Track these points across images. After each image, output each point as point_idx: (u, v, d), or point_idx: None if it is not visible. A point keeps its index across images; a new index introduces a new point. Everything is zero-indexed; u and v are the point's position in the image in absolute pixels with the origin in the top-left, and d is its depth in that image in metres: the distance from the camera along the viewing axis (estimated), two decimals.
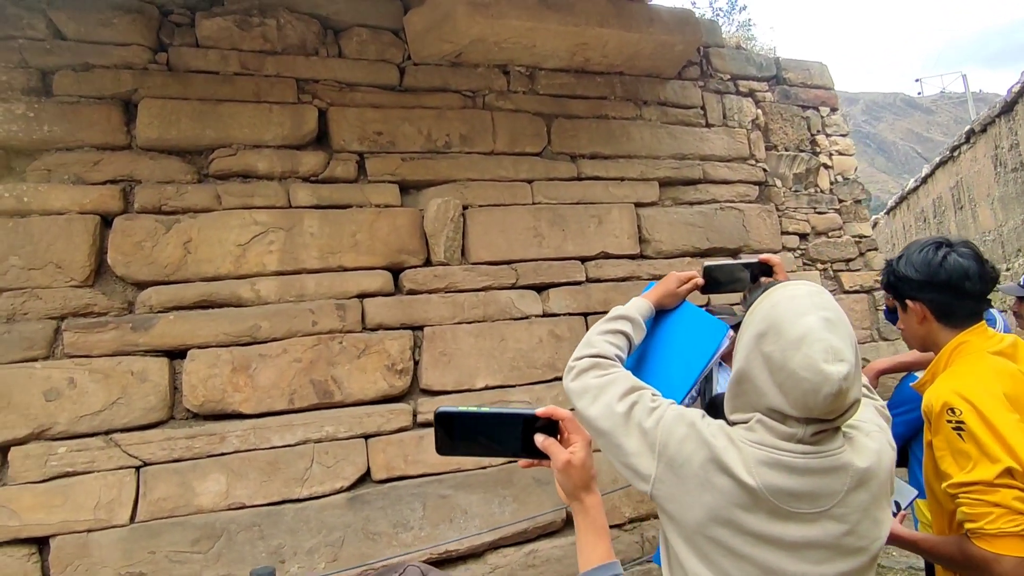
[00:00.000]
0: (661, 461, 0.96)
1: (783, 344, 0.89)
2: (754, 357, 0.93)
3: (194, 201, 2.36)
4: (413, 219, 2.59)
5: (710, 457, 0.93)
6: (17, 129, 2.21)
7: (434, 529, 2.37)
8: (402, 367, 2.45)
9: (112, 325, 2.18)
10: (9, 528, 1.96)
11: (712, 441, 0.94)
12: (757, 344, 0.92)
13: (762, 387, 0.92)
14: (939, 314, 1.24)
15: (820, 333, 0.87)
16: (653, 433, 0.97)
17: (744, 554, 0.93)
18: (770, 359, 0.90)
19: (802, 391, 0.86)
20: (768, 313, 0.93)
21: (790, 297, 0.93)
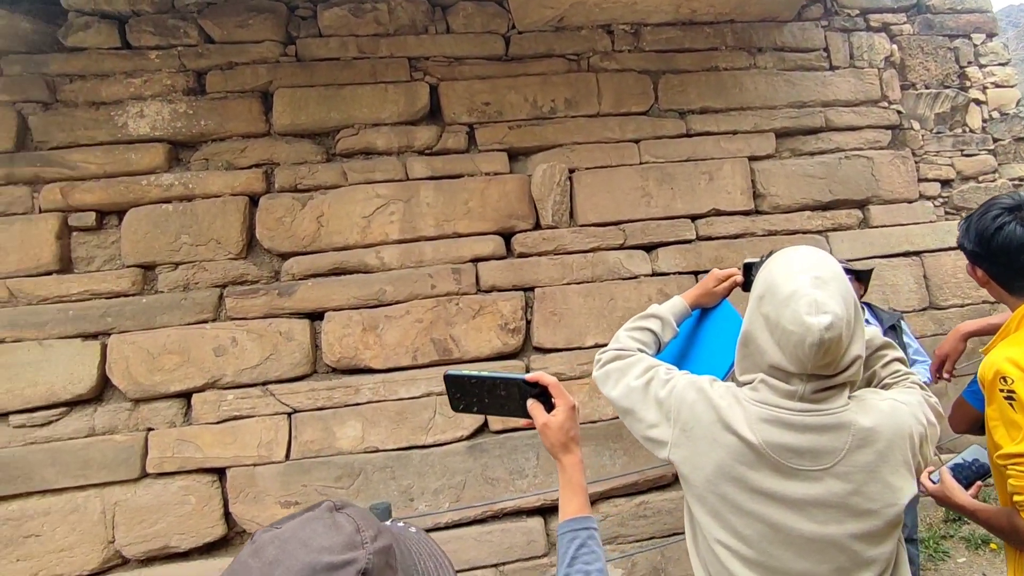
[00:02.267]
0: (676, 426, 1.07)
1: (776, 303, 0.97)
2: (755, 318, 1.02)
3: (324, 179, 2.77)
4: (521, 185, 2.84)
5: (716, 417, 1.03)
6: (181, 125, 2.72)
7: (547, 477, 2.64)
8: (514, 326, 2.72)
9: (263, 292, 2.64)
10: (196, 459, 2.49)
11: (719, 402, 1.04)
12: (758, 306, 1.02)
13: (763, 346, 1.00)
14: (1000, 282, 1.22)
15: (806, 289, 0.95)
16: (668, 401, 1.08)
17: (750, 510, 1.01)
18: (767, 318, 0.99)
19: (793, 345, 0.95)
20: (765, 276, 1.03)
21: (786, 260, 1.03)
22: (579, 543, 0.88)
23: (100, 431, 2.50)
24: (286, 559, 0.50)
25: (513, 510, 2.61)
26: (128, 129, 2.68)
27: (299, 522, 0.54)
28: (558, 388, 0.96)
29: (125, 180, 2.64)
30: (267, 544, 0.52)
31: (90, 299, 2.56)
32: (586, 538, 0.89)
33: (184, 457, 2.50)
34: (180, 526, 2.48)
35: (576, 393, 2.68)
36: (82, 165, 2.63)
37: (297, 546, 0.51)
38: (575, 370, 2.71)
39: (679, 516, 2.64)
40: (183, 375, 2.55)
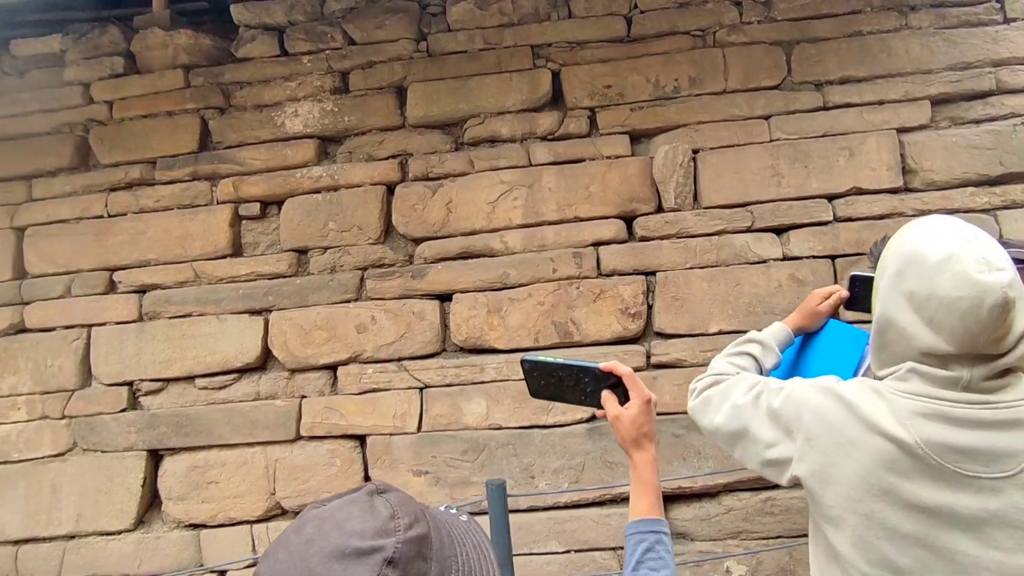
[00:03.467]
0: (798, 438, 0.93)
1: (925, 273, 0.83)
2: (894, 300, 0.88)
3: (452, 167, 3.03)
4: (643, 168, 2.91)
5: (853, 416, 0.88)
6: (328, 122, 3.11)
7: (667, 465, 2.72)
8: (635, 311, 2.82)
9: (398, 274, 2.96)
10: (340, 426, 2.88)
11: (852, 398, 0.89)
12: (895, 286, 0.88)
13: (909, 329, 0.85)
14: None
15: (966, 248, 0.82)
16: (785, 410, 0.96)
17: (907, 532, 0.83)
18: (913, 296, 0.85)
19: (960, 315, 0.80)
20: (900, 249, 0.89)
21: (921, 229, 0.89)
22: (646, 547, 0.86)
23: (264, 396, 2.96)
24: (320, 539, 0.51)
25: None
26: (285, 128, 3.11)
27: (341, 503, 0.56)
28: (633, 380, 0.94)
29: (283, 173, 3.08)
30: (309, 521, 0.54)
31: (256, 279, 3.03)
32: (654, 542, 0.86)
33: (331, 423, 2.89)
34: (328, 485, 2.88)
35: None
36: (249, 161, 3.10)
37: (332, 527, 0.52)
38: (697, 357, 2.75)
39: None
40: (330, 349, 2.93)
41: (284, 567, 0.51)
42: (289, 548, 0.52)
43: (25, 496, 3.00)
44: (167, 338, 3.01)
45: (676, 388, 2.72)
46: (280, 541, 0.54)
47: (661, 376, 2.75)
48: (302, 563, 0.50)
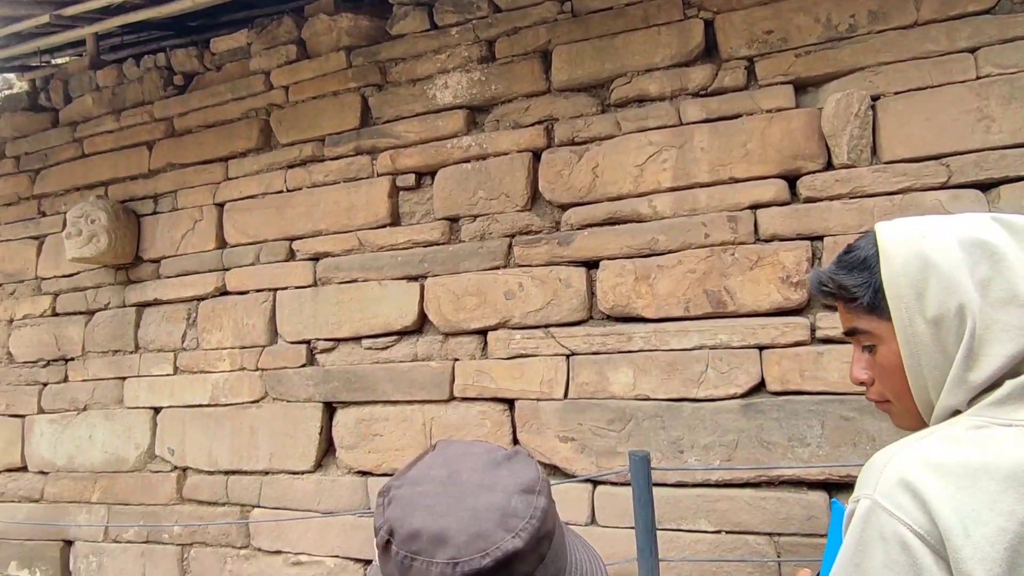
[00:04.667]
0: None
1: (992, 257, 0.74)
2: (961, 296, 0.74)
3: (598, 130, 3.02)
4: (809, 120, 2.68)
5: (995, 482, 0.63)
6: (476, 92, 3.24)
7: (834, 449, 2.55)
8: (798, 279, 2.64)
9: (544, 241, 3.05)
10: (490, 389, 3.07)
11: (992, 459, 0.65)
12: (971, 277, 0.74)
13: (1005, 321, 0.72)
14: None
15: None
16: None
17: None
18: (988, 286, 0.73)
19: None
20: (913, 259, 0.78)
21: (929, 224, 0.81)
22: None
23: (420, 358, 3.23)
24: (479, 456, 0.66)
25: (792, 479, 2.60)
26: (436, 100, 3.30)
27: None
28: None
29: (435, 144, 3.28)
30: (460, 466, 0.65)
31: (412, 247, 3.29)
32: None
33: (481, 386, 3.09)
34: None
35: None
36: (404, 134, 3.34)
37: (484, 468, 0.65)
38: None
39: None
40: (480, 315, 3.12)
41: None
42: (455, 450, 0.67)
43: (231, 435, 3.59)
44: (337, 302, 3.40)
45: (845, 366, 2.53)
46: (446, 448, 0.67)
47: (827, 352, 2.57)
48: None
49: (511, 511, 0.58)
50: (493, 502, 0.58)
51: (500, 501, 0.59)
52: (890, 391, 0.87)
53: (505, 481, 0.61)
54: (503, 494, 0.60)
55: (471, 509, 0.57)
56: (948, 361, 0.76)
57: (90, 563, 3.90)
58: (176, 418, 3.75)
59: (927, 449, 0.70)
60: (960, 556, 0.59)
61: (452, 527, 0.56)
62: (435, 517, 0.57)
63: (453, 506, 0.58)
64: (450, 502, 0.58)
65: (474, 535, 0.55)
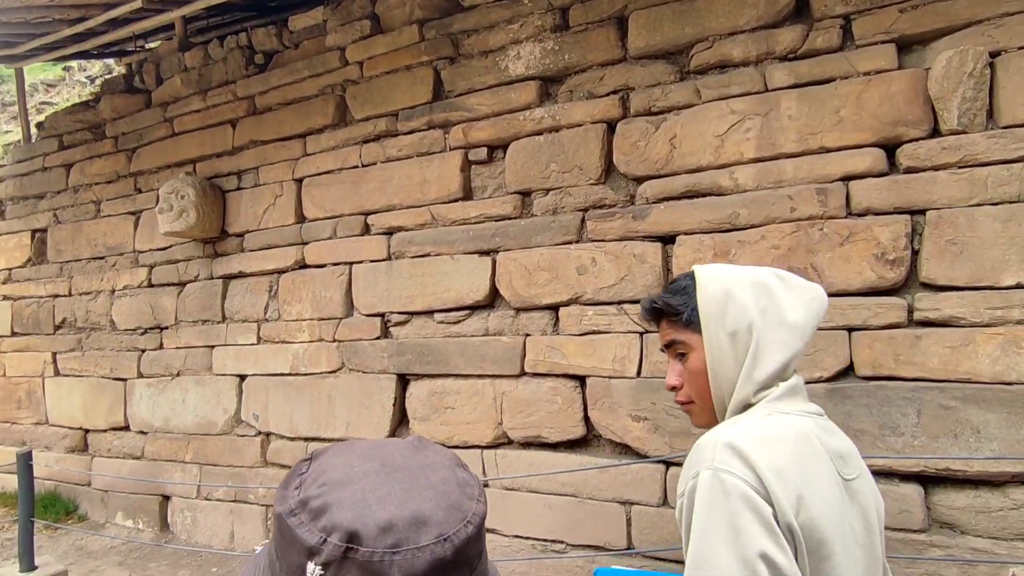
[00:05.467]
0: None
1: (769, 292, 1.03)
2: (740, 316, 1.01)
3: (676, 99, 2.83)
4: (913, 83, 2.41)
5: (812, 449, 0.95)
6: (549, 62, 3.11)
7: (931, 441, 2.34)
8: (894, 257, 2.41)
9: (619, 215, 2.91)
10: (561, 365, 2.99)
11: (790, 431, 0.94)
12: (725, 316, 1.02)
13: (772, 334, 1.01)
14: None
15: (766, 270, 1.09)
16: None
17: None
18: (766, 311, 1.01)
19: (814, 312, 1.06)
20: (714, 292, 1.04)
21: (717, 270, 1.09)
22: None
23: (492, 332, 3.19)
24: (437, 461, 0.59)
25: (883, 470, 2.40)
26: (508, 71, 3.19)
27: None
28: None
29: (507, 117, 3.18)
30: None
31: (484, 222, 3.23)
32: None
33: (552, 362, 3.01)
34: (549, 421, 3.03)
35: (983, 345, 2.26)
36: (476, 107, 3.25)
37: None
38: (981, 315, 2.28)
39: None
40: (551, 290, 3.03)
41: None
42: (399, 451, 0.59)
43: (310, 403, 3.68)
44: (410, 275, 3.39)
45: (947, 351, 2.30)
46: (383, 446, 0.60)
47: (926, 336, 2.34)
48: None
49: (462, 481, 0.57)
50: (445, 476, 0.56)
51: (449, 475, 0.57)
52: (695, 392, 1.08)
53: (436, 458, 0.59)
54: (446, 469, 0.58)
55: (431, 487, 0.54)
56: (739, 365, 1.00)
57: (185, 517, 4.12)
58: (260, 386, 3.87)
59: (741, 429, 0.92)
60: (777, 499, 0.83)
61: (424, 507, 0.52)
62: (400, 504, 0.52)
63: (410, 489, 0.54)
64: (404, 487, 0.54)
65: (448, 508, 0.53)
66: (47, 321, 4.98)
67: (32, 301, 5.11)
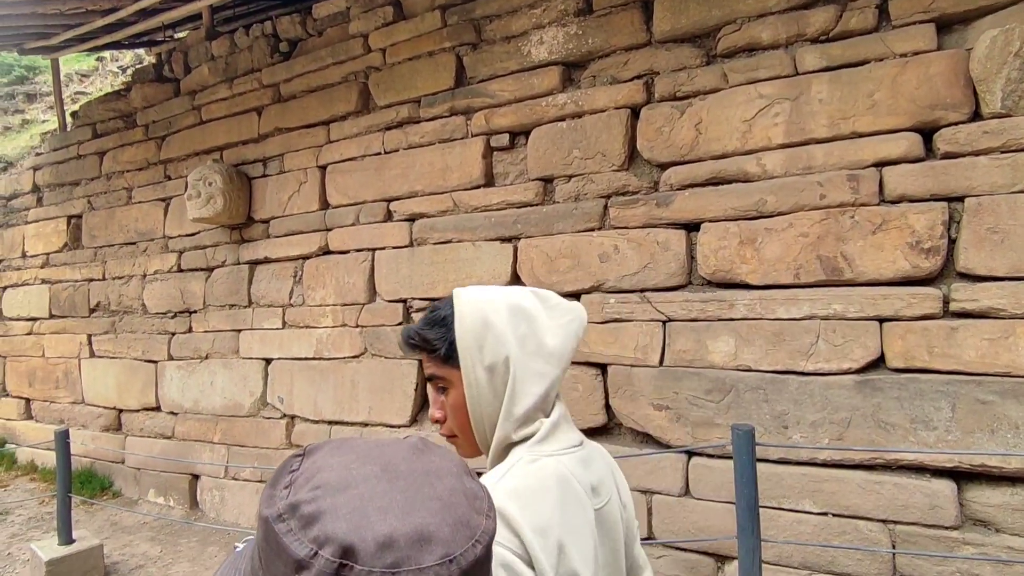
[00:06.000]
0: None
1: (524, 317, 0.94)
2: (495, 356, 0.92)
3: (702, 83, 2.72)
4: (953, 64, 2.28)
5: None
6: (572, 47, 3.01)
7: (966, 436, 2.23)
8: (930, 245, 2.29)
9: (642, 202, 2.82)
10: (583, 352, 2.91)
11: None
12: (483, 351, 0.92)
13: (526, 371, 0.93)
14: None
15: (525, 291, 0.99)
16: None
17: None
18: (525, 339, 0.93)
19: (571, 337, 0.97)
20: (470, 322, 0.93)
21: (473, 295, 0.96)
22: None
23: None
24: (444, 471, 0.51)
25: (913, 464, 2.30)
26: (531, 56, 3.10)
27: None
28: None
29: (529, 103, 3.10)
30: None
31: (505, 208, 3.15)
32: None
33: None
34: (571, 408, 2.94)
35: (1022, 336, 2.14)
36: (498, 93, 3.17)
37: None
38: (1021, 306, 2.15)
39: None
40: (573, 277, 2.96)
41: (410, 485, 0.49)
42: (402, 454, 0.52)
43: (333, 387, 3.67)
44: (432, 262, 3.34)
45: (985, 343, 2.18)
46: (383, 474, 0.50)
47: (963, 327, 2.22)
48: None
49: (471, 492, 0.50)
50: (451, 486, 0.49)
51: (456, 484, 0.50)
52: (457, 427, 1.01)
53: (442, 464, 0.52)
54: (453, 477, 0.50)
55: (437, 498, 0.47)
56: (499, 400, 0.92)
57: (214, 496, 4.16)
58: (285, 369, 3.87)
59: (506, 484, 0.85)
60: (538, 560, 0.79)
61: (429, 522, 0.45)
62: (402, 516, 0.45)
63: (414, 499, 0.47)
64: (408, 496, 0.47)
65: (455, 524, 0.46)
66: (82, 304, 5.06)
67: (68, 285, 5.19)
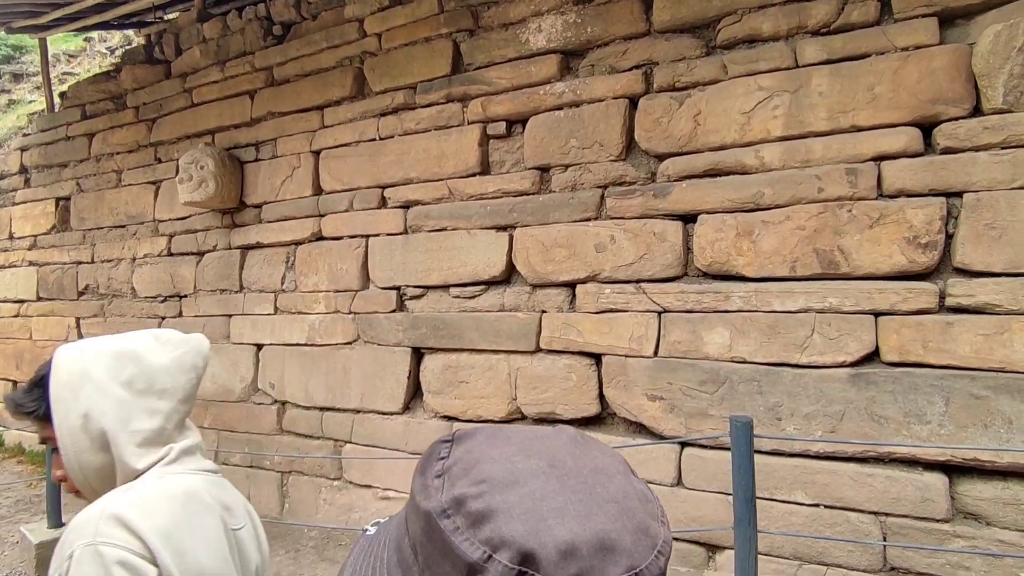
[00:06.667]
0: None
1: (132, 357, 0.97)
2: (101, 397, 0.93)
3: (702, 75, 2.66)
4: (955, 58, 2.23)
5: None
6: (571, 35, 2.93)
7: (959, 430, 2.20)
8: (927, 240, 2.25)
9: (639, 193, 2.76)
10: (577, 343, 2.86)
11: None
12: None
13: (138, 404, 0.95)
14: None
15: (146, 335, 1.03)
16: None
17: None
18: (131, 381, 0.95)
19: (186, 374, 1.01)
20: (74, 374, 0.93)
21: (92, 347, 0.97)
22: None
23: (507, 308, 3.06)
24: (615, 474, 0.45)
25: (906, 457, 2.28)
26: (529, 44, 3.02)
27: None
28: None
29: (527, 91, 3.02)
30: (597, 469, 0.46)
31: (501, 197, 3.08)
32: None
33: (568, 339, 2.89)
34: (563, 398, 2.92)
35: (1020, 334, 2.11)
36: (495, 81, 3.09)
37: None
38: (1018, 302, 2.12)
39: None
40: (569, 267, 2.90)
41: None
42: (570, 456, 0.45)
43: (325, 373, 3.59)
44: (426, 250, 3.26)
45: (980, 339, 2.15)
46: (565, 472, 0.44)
47: (958, 323, 2.19)
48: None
49: (643, 494, 0.44)
50: (623, 487, 0.43)
51: (627, 485, 0.44)
52: (77, 481, 0.99)
53: (607, 461, 0.45)
54: (621, 476, 0.44)
55: (612, 501, 0.42)
56: (97, 445, 0.92)
57: None
58: (276, 355, 3.79)
59: (127, 496, 0.87)
60: (163, 559, 0.82)
61: (609, 528, 0.39)
62: (580, 521, 0.39)
63: (587, 501, 0.41)
64: (581, 497, 0.41)
65: (636, 531, 0.40)
66: (71, 287, 4.92)
67: (56, 267, 5.05)
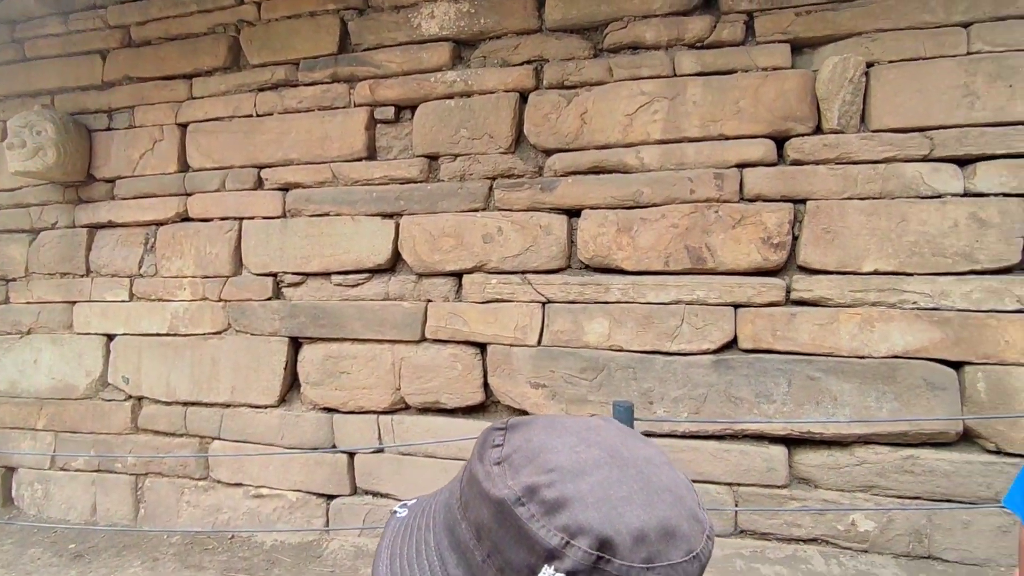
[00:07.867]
0: None
1: None
2: None
3: (589, 75, 2.75)
4: (803, 82, 2.50)
5: None
6: (464, 24, 2.89)
7: (797, 407, 2.48)
8: (778, 241, 2.51)
9: (527, 186, 2.80)
10: (463, 332, 2.85)
11: None
12: None
13: None
14: None
15: None
16: None
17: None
18: None
19: None
20: None
21: None
22: None
23: (392, 297, 2.97)
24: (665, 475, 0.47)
25: (755, 433, 2.53)
26: (421, 30, 2.94)
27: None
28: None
29: (417, 77, 2.94)
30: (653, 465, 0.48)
31: (388, 183, 2.98)
32: None
33: (454, 329, 2.87)
34: (448, 387, 2.89)
35: (845, 323, 2.42)
36: (385, 64, 2.97)
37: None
38: (845, 296, 2.43)
39: (958, 482, 2.31)
40: (456, 257, 2.87)
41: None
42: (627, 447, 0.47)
43: (191, 365, 3.27)
44: (307, 235, 3.07)
45: (816, 328, 2.44)
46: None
47: (800, 314, 2.46)
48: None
49: (686, 483, 0.47)
50: (672, 477, 0.46)
51: (673, 474, 0.47)
52: None
53: (651, 451, 0.48)
54: (667, 466, 0.47)
55: (668, 489, 0.45)
56: None
57: (35, 490, 3.54)
58: (131, 346, 3.38)
59: None
60: None
61: (669, 515, 0.43)
62: (645, 509, 0.42)
63: (647, 490, 0.44)
64: (642, 486, 0.44)
65: (689, 518, 0.44)
66: None
67: None
